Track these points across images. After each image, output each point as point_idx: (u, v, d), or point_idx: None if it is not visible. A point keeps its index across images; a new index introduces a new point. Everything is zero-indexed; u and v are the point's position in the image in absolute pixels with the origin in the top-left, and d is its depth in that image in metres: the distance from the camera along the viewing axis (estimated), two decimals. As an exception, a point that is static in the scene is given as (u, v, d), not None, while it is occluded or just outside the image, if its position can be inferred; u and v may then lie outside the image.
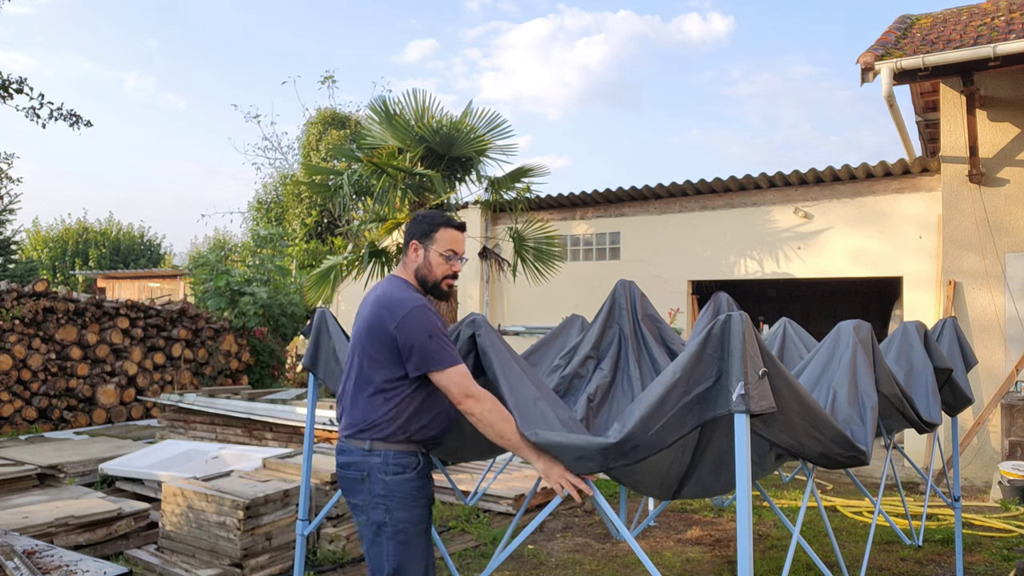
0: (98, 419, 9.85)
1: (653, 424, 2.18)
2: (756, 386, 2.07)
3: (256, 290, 12.24)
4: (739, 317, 2.12)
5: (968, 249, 7.46)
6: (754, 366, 2.09)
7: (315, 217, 19.22)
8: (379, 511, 2.45)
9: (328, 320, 3.27)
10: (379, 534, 2.45)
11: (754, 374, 2.08)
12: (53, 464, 6.09)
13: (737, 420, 2.08)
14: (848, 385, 2.93)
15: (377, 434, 2.46)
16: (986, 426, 7.17)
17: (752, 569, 2.11)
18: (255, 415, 7.24)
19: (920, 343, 3.68)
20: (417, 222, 2.67)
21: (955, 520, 4.34)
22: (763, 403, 2.08)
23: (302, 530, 3.37)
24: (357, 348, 2.55)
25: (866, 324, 3.16)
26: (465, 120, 9.27)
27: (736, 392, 2.07)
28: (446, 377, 2.41)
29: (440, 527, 5.41)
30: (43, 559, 3.88)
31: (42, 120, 9.90)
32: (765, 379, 2.11)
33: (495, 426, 2.39)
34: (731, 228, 9.55)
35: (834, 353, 3.13)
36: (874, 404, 2.88)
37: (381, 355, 2.47)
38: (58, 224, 29.89)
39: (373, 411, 2.47)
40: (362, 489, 2.46)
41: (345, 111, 20.54)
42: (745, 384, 2.07)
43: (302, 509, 3.44)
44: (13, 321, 9.17)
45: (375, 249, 9.94)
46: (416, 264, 2.65)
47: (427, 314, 2.47)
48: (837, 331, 3.17)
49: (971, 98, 7.00)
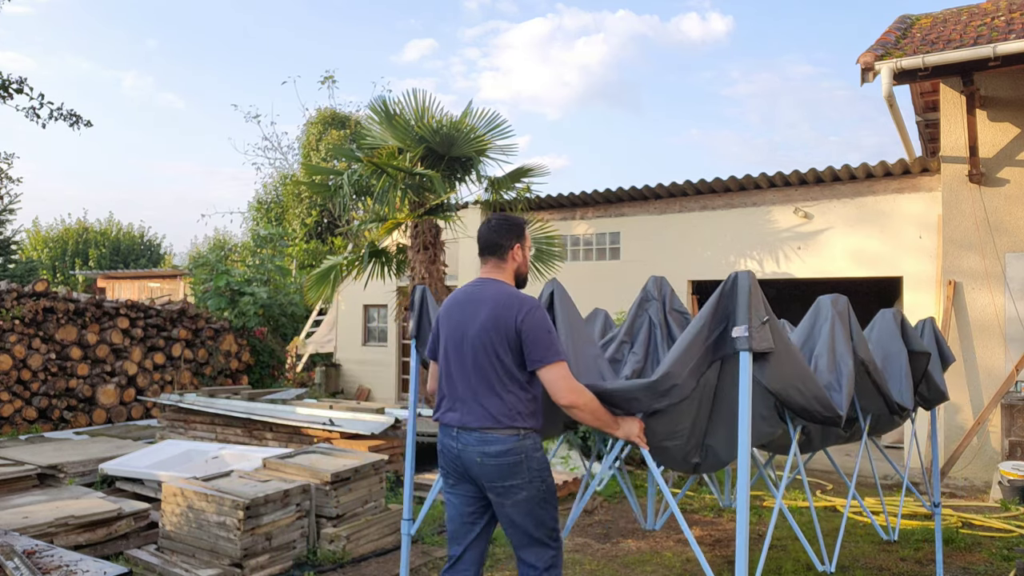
0: (98, 419, 9.85)
1: (686, 365, 2.65)
2: (758, 329, 2.51)
3: (256, 290, 12.24)
4: (746, 275, 2.55)
5: (968, 249, 7.46)
6: (757, 314, 2.52)
7: (315, 217, 19.23)
8: (537, 483, 2.79)
9: (428, 297, 3.49)
10: (544, 500, 2.82)
11: (757, 320, 2.52)
12: (53, 464, 6.09)
13: (742, 357, 2.51)
14: (828, 353, 3.26)
15: (524, 422, 2.77)
16: (986, 426, 7.17)
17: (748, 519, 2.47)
18: (255, 415, 7.24)
19: (897, 329, 3.87)
20: (514, 226, 2.99)
21: (935, 526, 4.39)
22: (763, 344, 2.52)
23: (408, 529, 3.55)
24: (480, 345, 2.79)
25: (843, 297, 3.47)
26: (465, 120, 9.27)
27: (739, 332, 2.51)
28: (557, 370, 2.71)
29: (440, 527, 5.42)
30: (43, 559, 3.88)
31: (42, 120, 9.89)
32: (766, 326, 2.54)
33: (595, 413, 2.73)
34: (731, 228, 9.55)
35: (815, 325, 3.46)
36: (850, 371, 3.20)
37: (510, 349, 2.77)
38: (58, 224, 29.93)
39: (517, 402, 2.77)
40: (521, 470, 2.76)
41: (345, 111, 20.56)
42: (749, 327, 2.50)
43: (407, 509, 3.58)
44: (13, 321, 9.17)
45: (375, 249, 9.94)
46: (517, 263, 3.00)
47: (545, 312, 2.83)
48: (817, 305, 3.49)
49: (971, 98, 7.00)
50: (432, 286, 9.38)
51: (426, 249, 9.44)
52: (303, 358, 14.08)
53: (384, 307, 13.08)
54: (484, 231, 2.99)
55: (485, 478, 2.79)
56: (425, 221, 9.41)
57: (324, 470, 4.78)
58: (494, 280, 2.94)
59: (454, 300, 2.99)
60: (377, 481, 5.08)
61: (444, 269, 9.67)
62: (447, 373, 2.92)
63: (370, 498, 5.01)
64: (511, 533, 2.85)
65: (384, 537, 4.93)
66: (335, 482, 4.74)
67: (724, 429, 2.90)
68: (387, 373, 13.26)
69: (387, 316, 13.13)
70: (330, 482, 4.71)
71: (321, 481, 4.74)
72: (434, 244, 9.50)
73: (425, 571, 4.57)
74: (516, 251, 2.99)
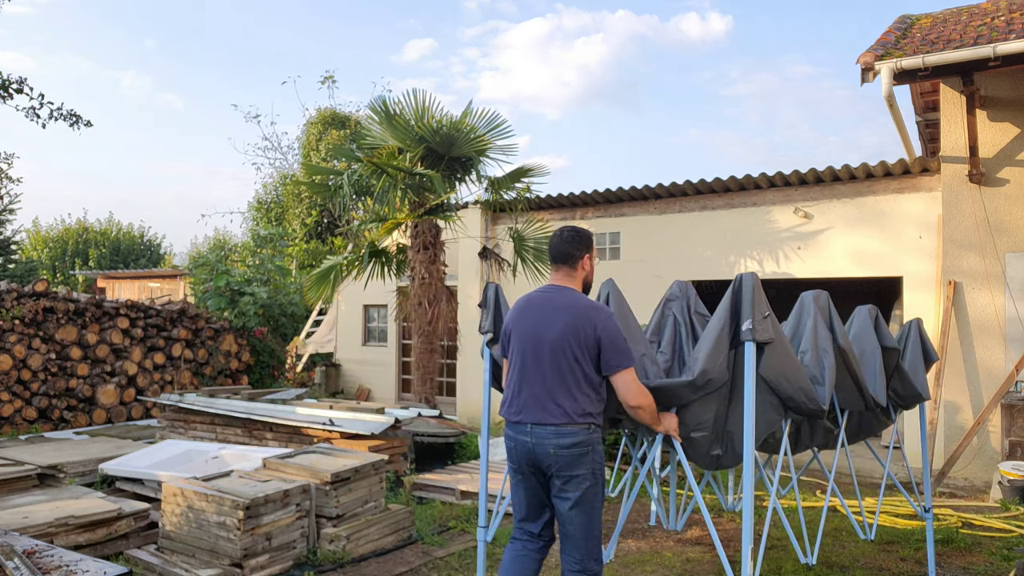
0: (98, 419, 9.85)
1: (717, 359, 3.06)
2: (761, 322, 2.96)
3: (256, 290, 12.24)
4: (750, 276, 3.00)
5: (968, 249, 7.46)
6: (760, 310, 2.97)
7: (315, 217, 19.22)
8: (598, 474, 3.08)
9: (500, 294, 3.71)
10: (597, 496, 3.09)
11: (760, 315, 2.96)
12: (53, 464, 6.09)
13: (747, 347, 2.98)
14: (812, 349, 3.55)
15: (593, 419, 3.06)
16: (986, 426, 7.17)
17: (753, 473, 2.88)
18: (255, 415, 7.24)
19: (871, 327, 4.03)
20: (584, 239, 3.26)
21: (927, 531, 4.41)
22: (765, 335, 2.98)
23: (484, 536, 3.74)
24: (560, 350, 3.05)
25: (824, 293, 3.76)
26: (465, 120, 9.27)
27: (746, 326, 2.96)
28: (630, 375, 3.03)
29: (440, 527, 5.42)
30: (43, 559, 3.88)
31: (42, 120, 9.89)
32: (767, 319, 2.98)
33: (652, 412, 3.10)
34: (731, 228, 9.55)
35: (800, 321, 3.75)
36: (832, 365, 3.48)
37: (588, 354, 3.04)
38: (58, 224, 29.92)
39: (588, 402, 3.05)
40: (586, 460, 3.04)
41: (345, 111, 20.55)
42: (753, 320, 2.94)
43: (482, 516, 3.75)
44: (13, 321, 9.17)
45: (375, 249, 9.95)
46: (585, 272, 3.26)
47: (616, 320, 3.15)
48: (801, 302, 3.77)
49: (971, 98, 7.00)
50: (432, 286, 9.38)
51: (426, 249, 9.44)
52: (303, 358, 14.08)
53: (384, 307, 13.08)
54: (557, 242, 3.24)
55: (556, 467, 3.03)
56: (425, 221, 9.41)
57: (324, 470, 4.77)
58: (567, 288, 3.20)
59: (527, 304, 3.22)
60: (377, 481, 5.08)
61: (444, 269, 9.67)
62: (520, 373, 3.14)
63: (370, 498, 5.01)
64: (565, 529, 3.08)
65: (384, 537, 4.93)
66: (335, 482, 4.74)
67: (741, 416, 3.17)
68: (387, 373, 13.26)
69: (387, 316, 13.12)
70: (330, 482, 4.71)
71: (321, 481, 4.74)
72: (434, 244, 9.50)
73: (425, 571, 4.57)
74: (585, 261, 3.24)
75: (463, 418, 11.08)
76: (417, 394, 9.46)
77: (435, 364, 9.52)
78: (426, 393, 9.38)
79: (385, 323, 13.40)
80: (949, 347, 7.43)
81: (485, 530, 3.71)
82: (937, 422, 7.24)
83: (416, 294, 9.39)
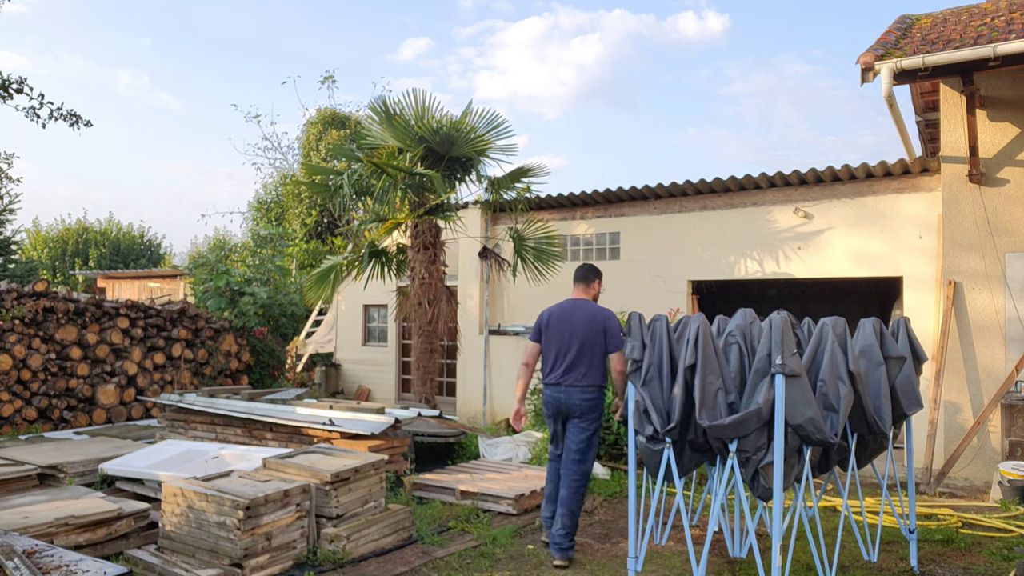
0: (98, 419, 9.85)
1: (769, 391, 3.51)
2: (790, 358, 3.44)
3: (256, 290, 12.24)
4: (780, 316, 3.49)
5: (968, 249, 7.46)
6: (789, 346, 3.45)
7: (315, 217, 19.22)
8: (600, 419, 4.90)
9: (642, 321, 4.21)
10: (596, 434, 4.87)
11: (789, 351, 3.44)
12: (53, 464, 6.09)
13: (777, 380, 3.48)
14: (830, 380, 3.78)
15: (603, 381, 4.85)
16: (986, 426, 7.17)
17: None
18: (255, 415, 7.24)
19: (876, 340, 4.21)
20: (598, 271, 5.16)
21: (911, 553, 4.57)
22: (794, 369, 3.45)
23: (634, 566, 4.22)
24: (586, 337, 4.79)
25: (842, 320, 3.99)
26: (465, 120, 9.26)
27: (777, 360, 3.44)
28: (619, 355, 4.77)
29: (440, 527, 5.42)
30: (43, 559, 3.88)
31: (42, 120, 9.90)
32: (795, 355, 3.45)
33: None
34: (731, 228, 9.54)
35: (818, 350, 3.93)
36: (847, 392, 3.74)
37: (600, 341, 4.80)
38: (58, 224, 29.89)
39: (598, 376, 4.82)
40: (596, 409, 4.83)
41: (345, 111, 20.56)
42: (782, 356, 3.43)
43: (632, 546, 4.20)
44: (13, 321, 9.17)
45: (375, 249, 9.94)
46: (596, 291, 5.09)
47: (616, 320, 4.88)
48: (820, 330, 3.96)
49: (971, 98, 7.00)
50: (432, 286, 9.38)
51: (426, 249, 9.43)
52: (303, 358, 14.08)
53: (384, 307, 13.07)
54: (580, 271, 5.10)
55: (578, 412, 4.79)
56: (425, 221, 9.40)
57: (324, 470, 4.77)
58: (585, 300, 5.01)
59: (561, 310, 4.94)
60: (377, 481, 5.08)
61: (444, 269, 9.67)
62: (560, 352, 4.84)
63: (370, 498, 5.01)
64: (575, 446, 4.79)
65: (384, 537, 4.93)
66: (335, 482, 4.74)
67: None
68: (387, 373, 13.25)
69: (387, 316, 13.12)
70: (330, 482, 4.71)
71: (321, 481, 4.74)
72: (434, 244, 9.50)
73: (425, 571, 4.57)
74: (596, 284, 5.12)
75: (463, 418, 11.08)
76: (417, 394, 9.45)
77: (435, 364, 9.51)
78: (426, 393, 9.37)
79: (385, 323, 13.39)
80: (949, 347, 7.43)
81: (636, 560, 4.22)
82: (937, 422, 7.23)
83: (416, 294, 9.39)
